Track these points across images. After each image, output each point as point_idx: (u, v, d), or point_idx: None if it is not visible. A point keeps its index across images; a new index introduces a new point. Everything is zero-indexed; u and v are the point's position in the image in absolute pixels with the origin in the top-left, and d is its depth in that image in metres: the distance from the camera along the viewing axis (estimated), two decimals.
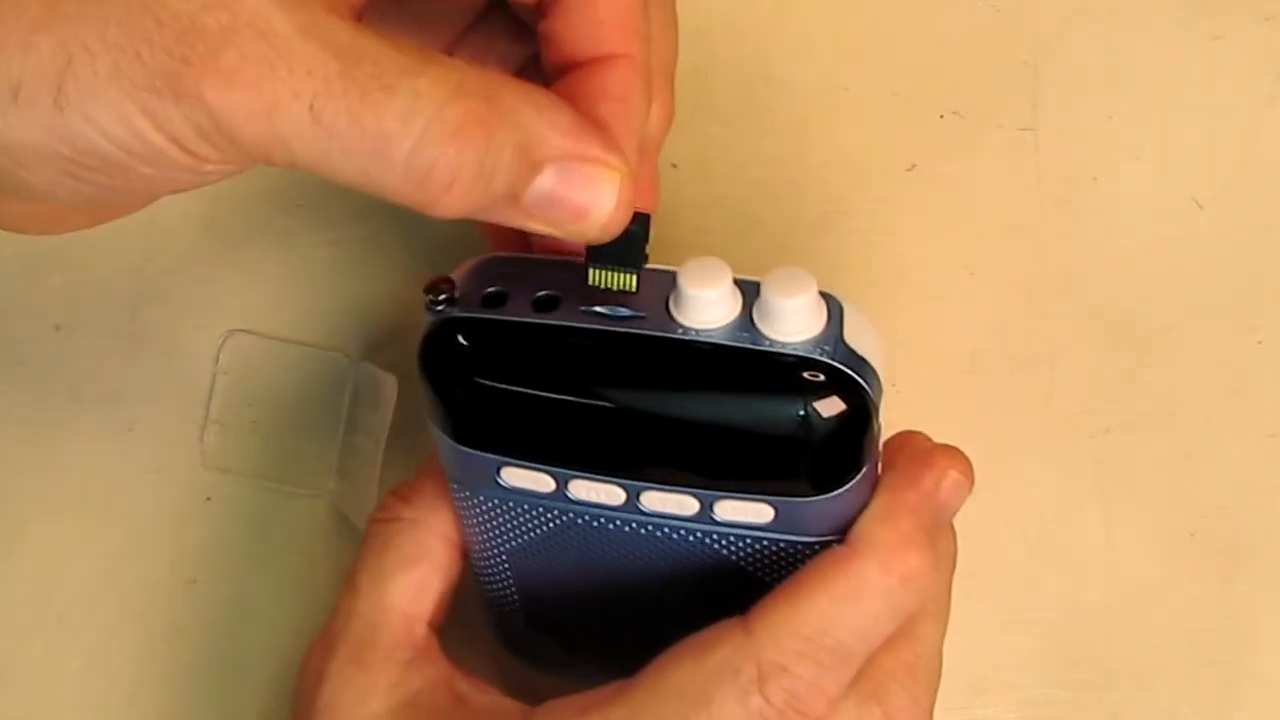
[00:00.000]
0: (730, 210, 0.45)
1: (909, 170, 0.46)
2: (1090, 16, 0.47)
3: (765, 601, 0.32)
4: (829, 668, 0.31)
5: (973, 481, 0.33)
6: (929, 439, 0.34)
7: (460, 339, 0.31)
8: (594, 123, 0.30)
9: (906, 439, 0.34)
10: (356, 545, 0.37)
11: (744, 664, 0.31)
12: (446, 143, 0.27)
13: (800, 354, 0.30)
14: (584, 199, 0.29)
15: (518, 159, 0.28)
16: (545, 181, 0.28)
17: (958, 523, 0.35)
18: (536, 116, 0.28)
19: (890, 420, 0.34)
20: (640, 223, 0.30)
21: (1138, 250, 0.45)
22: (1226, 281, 0.45)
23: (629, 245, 0.30)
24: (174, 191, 0.33)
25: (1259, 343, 0.44)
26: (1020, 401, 0.44)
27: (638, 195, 0.30)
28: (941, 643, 0.34)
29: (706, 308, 0.31)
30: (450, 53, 0.34)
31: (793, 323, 0.30)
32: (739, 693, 0.31)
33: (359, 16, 0.28)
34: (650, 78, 0.32)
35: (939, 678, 0.34)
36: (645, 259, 0.31)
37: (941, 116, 0.46)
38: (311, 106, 0.26)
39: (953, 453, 0.33)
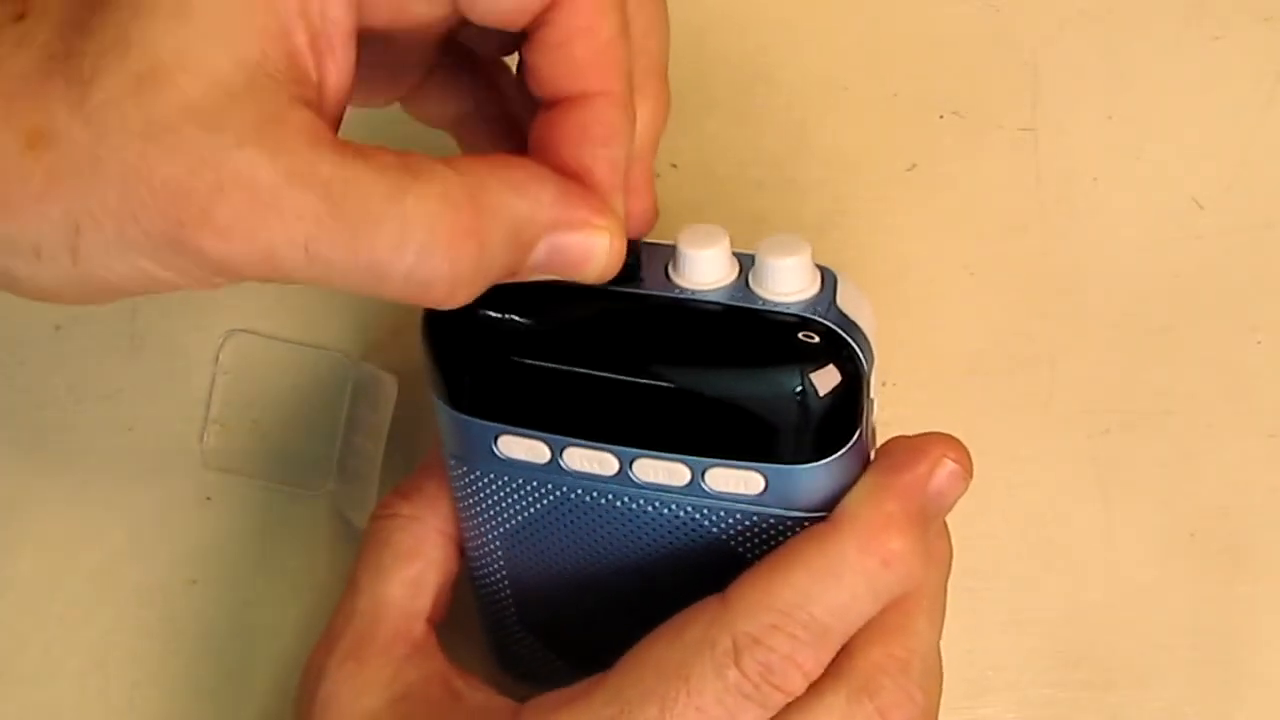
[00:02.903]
0: (730, 210, 0.45)
1: (909, 170, 0.46)
2: (1090, 16, 0.47)
3: (745, 575, 0.32)
4: (804, 642, 0.31)
5: (970, 473, 0.33)
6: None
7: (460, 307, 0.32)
8: (578, 180, 0.31)
9: (904, 438, 0.33)
10: (357, 545, 0.37)
11: (720, 636, 0.31)
12: (440, 259, 0.28)
13: (795, 313, 0.31)
14: (578, 258, 0.30)
15: (511, 246, 0.29)
16: (539, 254, 0.30)
17: (959, 523, 0.35)
18: (521, 201, 0.29)
19: (890, 420, 0.35)
20: (633, 253, 0.31)
21: (1138, 250, 0.45)
22: (1226, 281, 0.45)
23: (624, 272, 0.31)
24: None
25: (1259, 343, 0.44)
26: (1020, 401, 0.44)
27: (633, 203, 0.31)
28: (937, 642, 0.33)
29: (704, 268, 0.31)
30: (421, 88, 0.35)
31: (787, 282, 0.31)
32: (716, 666, 0.31)
33: (340, 115, 0.29)
34: (633, 112, 0.32)
35: (939, 678, 0.33)
36: (640, 284, 0.32)
37: (941, 116, 0.46)
38: (306, 249, 0.27)
39: (949, 441, 0.33)
